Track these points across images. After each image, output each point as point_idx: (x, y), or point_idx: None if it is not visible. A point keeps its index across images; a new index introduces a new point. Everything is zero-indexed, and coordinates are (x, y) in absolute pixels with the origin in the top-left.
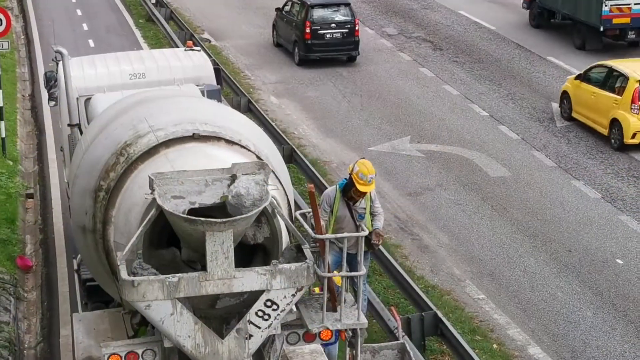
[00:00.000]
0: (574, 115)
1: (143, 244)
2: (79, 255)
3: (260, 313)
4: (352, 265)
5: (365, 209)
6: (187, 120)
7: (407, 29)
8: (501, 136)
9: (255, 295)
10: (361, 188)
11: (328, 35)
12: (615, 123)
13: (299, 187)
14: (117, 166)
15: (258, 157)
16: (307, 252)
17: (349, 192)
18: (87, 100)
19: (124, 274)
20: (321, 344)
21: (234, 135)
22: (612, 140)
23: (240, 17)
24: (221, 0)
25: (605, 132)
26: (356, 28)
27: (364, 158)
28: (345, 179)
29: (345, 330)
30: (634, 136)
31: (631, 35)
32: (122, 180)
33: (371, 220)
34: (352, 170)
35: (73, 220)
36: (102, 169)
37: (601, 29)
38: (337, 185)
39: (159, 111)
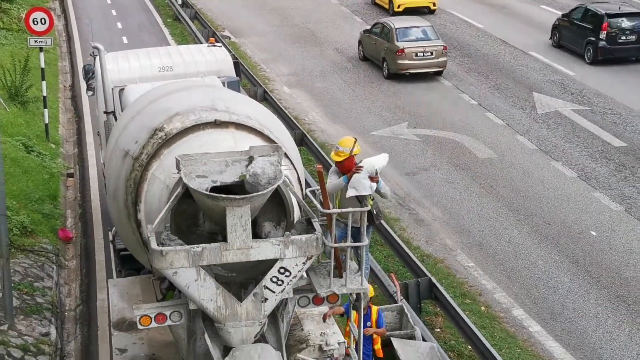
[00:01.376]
0: (376, 1)
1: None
2: (114, 228)
3: (274, 279)
4: (356, 238)
5: None
6: (255, 117)
7: None
8: (488, 122)
9: (248, 274)
10: (332, 155)
11: None
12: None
13: (309, 168)
14: (186, 120)
15: (273, 140)
16: (316, 224)
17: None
18: (121, 90)
19: (153, 244)
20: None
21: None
22: (389, 10)
23: (256, 17)
24: (240, 2)
25: (387, 7)
26: None
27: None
28: None
29: (350, 294)
30: (399, 7)
31: None
32: (186, 132)
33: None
34: None
35: (118, 143)
36: (169, 116)
37: None
38: None
39: (235, 100)
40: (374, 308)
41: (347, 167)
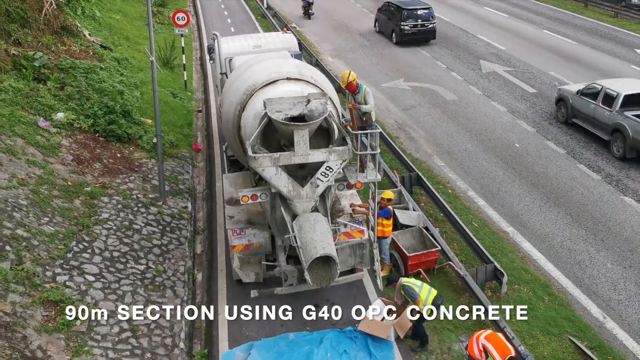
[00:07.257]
0: None
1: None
2: (226, 143)
3: (323, 173)
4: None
5: (360, 100)
6: (310, 75)
7: None
8: (452, 78)
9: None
10: (341, 83)
11: None
12: None
13: (344, 105)
14: (269, 76)
15: (322, 89)
16: (348, 140)
17: None
18: (230, 60)
19: (250, 152)
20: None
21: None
22: None
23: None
24: (301, 6)
25: None
26: None
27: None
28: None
29: (368, 183)
30: None
31: None
32: (269, 84)
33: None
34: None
35: (229, 91)
36: (259, 75)
37: None
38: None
39: (299, 65)
40: (391, 207)
41: (351, 88)
